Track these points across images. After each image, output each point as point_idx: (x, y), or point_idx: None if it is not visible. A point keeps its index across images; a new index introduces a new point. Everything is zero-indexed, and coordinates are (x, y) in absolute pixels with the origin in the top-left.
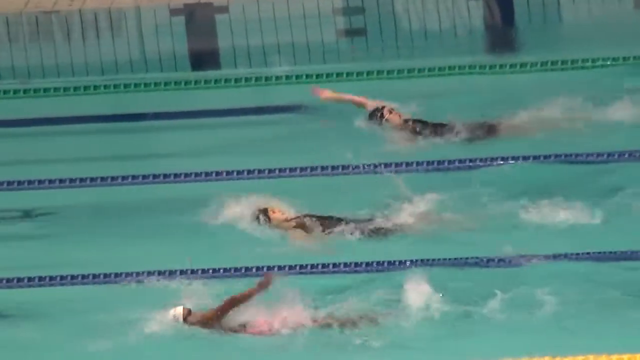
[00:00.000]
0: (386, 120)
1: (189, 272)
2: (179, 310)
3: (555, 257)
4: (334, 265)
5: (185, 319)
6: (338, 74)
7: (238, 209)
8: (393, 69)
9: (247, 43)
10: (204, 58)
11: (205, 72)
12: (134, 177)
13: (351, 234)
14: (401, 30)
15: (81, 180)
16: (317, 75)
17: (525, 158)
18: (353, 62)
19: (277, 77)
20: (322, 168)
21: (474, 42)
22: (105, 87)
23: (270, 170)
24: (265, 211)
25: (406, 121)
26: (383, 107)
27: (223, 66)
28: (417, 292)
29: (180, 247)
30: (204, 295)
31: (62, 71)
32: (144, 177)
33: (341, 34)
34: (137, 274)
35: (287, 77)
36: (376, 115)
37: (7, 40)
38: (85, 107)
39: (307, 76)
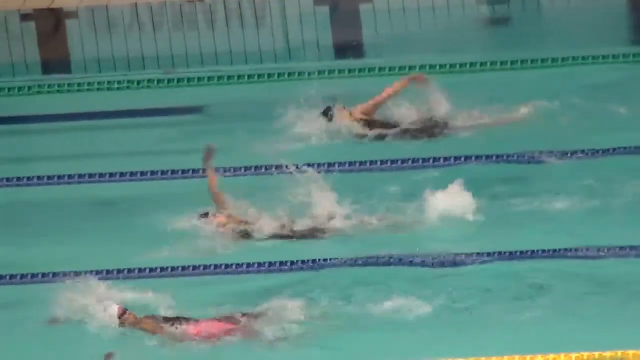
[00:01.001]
0: (335, 118)
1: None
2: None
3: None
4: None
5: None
6: (482, 64)
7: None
8: (537, 58)
9: (391, 33)
10: (347, 47)
11: (348, 61)
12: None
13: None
14: (545, 20)
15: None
16: (461, 65)
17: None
18: (496, 51)
19: (422, 67)
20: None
21: (618, 32)
22: (249, 76)
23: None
24: (206, 215)
25: (360, 120)
26: (334, 105)
27: (367, 55)
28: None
29: None
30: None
31: (207, 60)
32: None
33: (485, 23)
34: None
35: (431, 66)
36: (327, 112)
37: (151, 30)
38: (227, 96)
39: (450, 66)
